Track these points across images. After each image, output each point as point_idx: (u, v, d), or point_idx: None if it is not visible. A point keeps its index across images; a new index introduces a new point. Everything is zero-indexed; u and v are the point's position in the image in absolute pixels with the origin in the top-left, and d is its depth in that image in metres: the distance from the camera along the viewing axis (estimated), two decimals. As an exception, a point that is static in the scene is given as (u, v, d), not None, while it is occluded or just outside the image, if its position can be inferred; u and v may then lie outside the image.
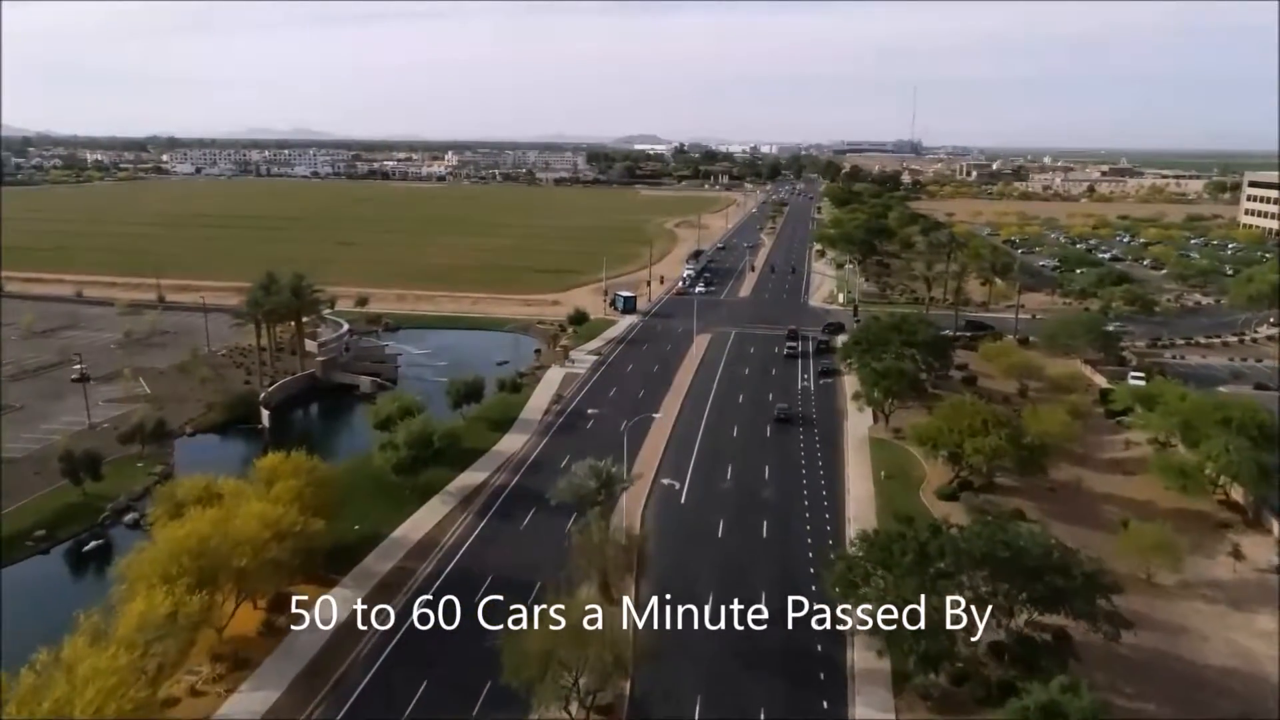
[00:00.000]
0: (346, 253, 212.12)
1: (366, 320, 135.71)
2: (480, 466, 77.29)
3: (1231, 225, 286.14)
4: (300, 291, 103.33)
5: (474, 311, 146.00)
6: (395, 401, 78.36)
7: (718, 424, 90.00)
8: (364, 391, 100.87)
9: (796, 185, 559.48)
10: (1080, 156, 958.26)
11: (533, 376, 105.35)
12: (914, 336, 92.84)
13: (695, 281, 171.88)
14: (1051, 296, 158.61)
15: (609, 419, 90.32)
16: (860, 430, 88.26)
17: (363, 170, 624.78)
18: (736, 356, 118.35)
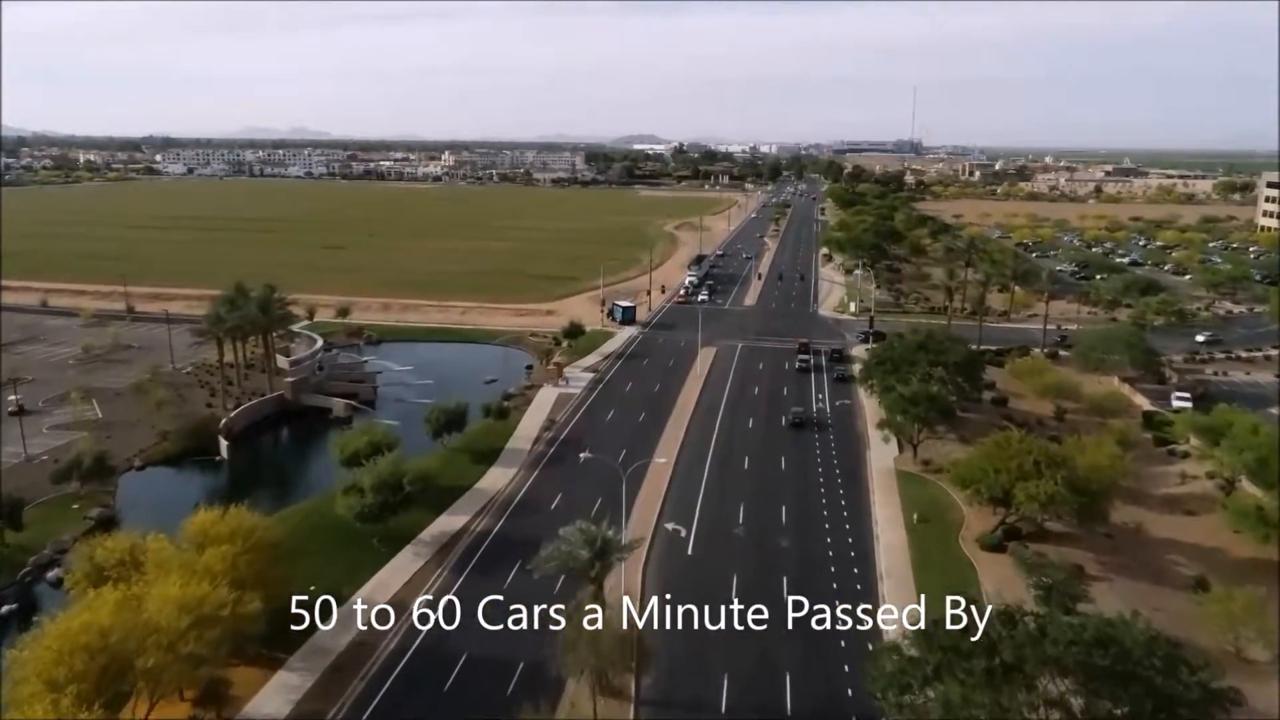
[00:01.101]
0: (333, 258, 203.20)
1: (347, 333, 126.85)
2: (460, 508, 68.41)
3: (1248, 227, 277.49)
4: (268, 306, 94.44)
5: (463, 323, 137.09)
6: (365, 435, 69.46)
7: (727, 454, 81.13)
8: (337, 415, 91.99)
9: (798, 186, 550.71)
10: (1081, 156, 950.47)
11: (523, 398, 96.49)
12: (943, 356, 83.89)
13: (698, 289, 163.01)
14: (1074, 305, 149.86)
15: (606, 448, 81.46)
16: (885, 461, 79.40)
17: (358, 171, 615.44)
18: (744, 373, 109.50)
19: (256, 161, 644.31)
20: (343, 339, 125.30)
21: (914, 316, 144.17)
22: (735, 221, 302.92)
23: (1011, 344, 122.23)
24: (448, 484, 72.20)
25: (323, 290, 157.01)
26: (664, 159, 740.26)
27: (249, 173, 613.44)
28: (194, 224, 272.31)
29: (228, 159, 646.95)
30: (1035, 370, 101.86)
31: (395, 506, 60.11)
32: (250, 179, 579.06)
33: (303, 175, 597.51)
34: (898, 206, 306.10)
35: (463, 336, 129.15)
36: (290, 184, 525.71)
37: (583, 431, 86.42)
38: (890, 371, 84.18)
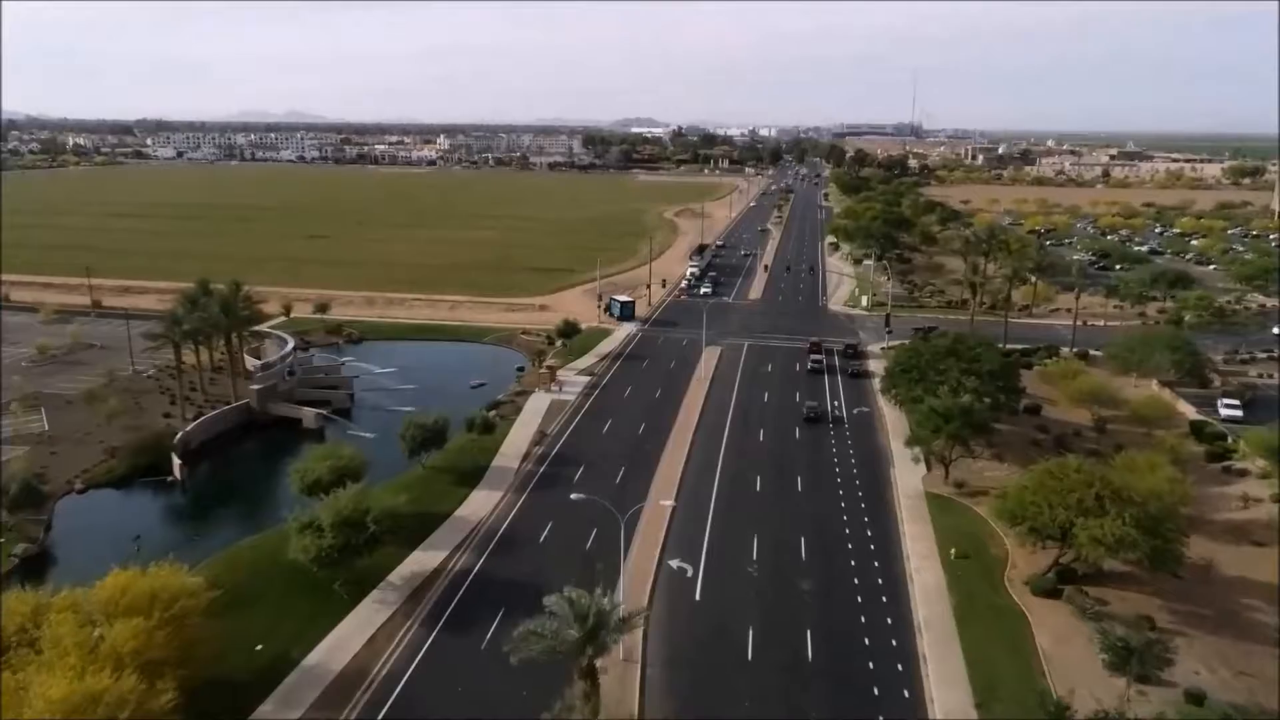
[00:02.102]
0: (316, 248, 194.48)
1: (326, 331, 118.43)
2: (437, 541, 60.35)
3: (1265, 213, 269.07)
4: (231, 306, 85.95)
5: (451, 319, 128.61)
6: (327, 459, 61.17)
7: (736, 473, 73.06)
8: (308, 426, 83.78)
9: (799, 170, 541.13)
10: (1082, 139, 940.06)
11: (512, 405, 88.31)
12: (976, 363, 75.65)
13: (700, 281, 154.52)
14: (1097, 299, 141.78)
15: (602, 466, 73.53)
16: (913, 481, 71.37)
17: (351, 155, 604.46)
18: (752, 376, 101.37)
19: (248, 145, 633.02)
20: (321, 337, 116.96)
21: (930, 311, 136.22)
22: (737, 208, 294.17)
23: (1036, 342, 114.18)
24: (424, 510, 64.23)
25: (303, 283, 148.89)
26: (662, 143, 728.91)
27: (240, 157, 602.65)
28: (176, 211, 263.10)
29: (218, 143, 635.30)
30: (1068, 374, 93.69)
31: (359, 548, 51.99)
32: (241, 163, 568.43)
33: (294, 159, 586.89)
34: (904, 192, 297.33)
35: (450, 334, 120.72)
36: (280, 169, 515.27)
37: (577, 446, 78.30)
38: (917, 380, 76.01)
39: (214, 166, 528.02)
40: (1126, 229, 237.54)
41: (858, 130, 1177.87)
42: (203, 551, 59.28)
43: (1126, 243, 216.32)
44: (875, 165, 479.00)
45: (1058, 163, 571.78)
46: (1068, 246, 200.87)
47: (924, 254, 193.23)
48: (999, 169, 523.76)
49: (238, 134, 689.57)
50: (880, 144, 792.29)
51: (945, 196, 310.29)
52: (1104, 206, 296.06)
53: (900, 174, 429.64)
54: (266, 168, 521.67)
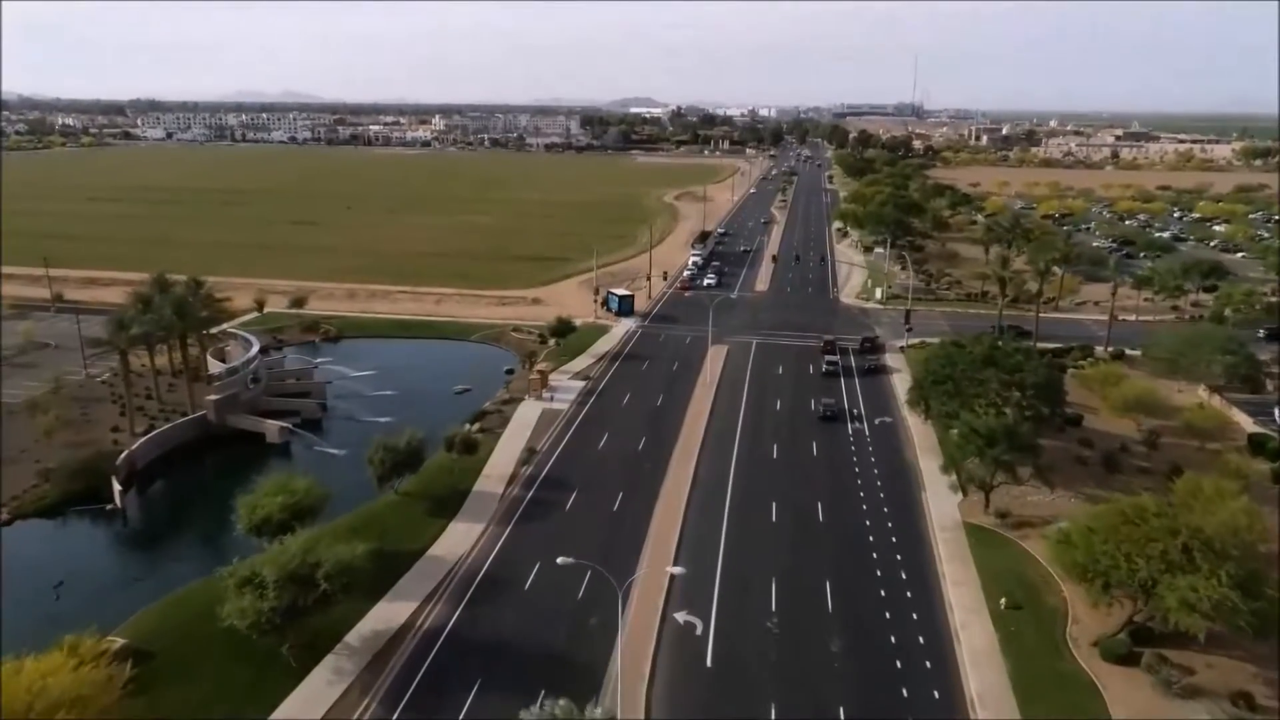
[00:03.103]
0: (300, 235, 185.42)
1: (301, 327, 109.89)
2: (405, 590, 52.20)
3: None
4: (185, 308, 77.34)
5: (438, 314, 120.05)
6: (279, 492, 52.82)
7: (749, 499, 64.89)
8: (272, 441, 75.49)
9: (801, 151, 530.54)
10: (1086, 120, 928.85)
11: (498, 415, 80.00)
12: (1019, 375, 67.25)
13: (702, 272, 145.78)
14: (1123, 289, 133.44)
15: (597, 489, 65.42)
16: (948, 509, 63.24)
17: (344, 136, 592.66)
18: (762, 380, 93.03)
19: (239, 126, 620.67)
20: (296, 335, 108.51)
21: (948, 305, 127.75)
22: (739, 191, 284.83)
23: (1066, 340, 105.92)
24: (392, 548, 56.09)
25: (283, 274, 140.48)
26: (661, 123, 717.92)
27: (231, 138, 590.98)
28: (158, 195, 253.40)
29: (209, 123, 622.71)
30: (1110, 379, 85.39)
31: (307, 610, 43.87)
32: (232, 144, 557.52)
33: (286, 141, 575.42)
34: (911, 175, 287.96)
35: (436, 331, 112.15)
36: (270, 150, 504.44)
37: (570, 465, 70.04)
38: (952, 394, 67.65)
39: (203, 148, 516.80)
40: (1145, 213, 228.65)
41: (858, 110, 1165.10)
42: (137, 598, 51.35)
43: (1146, 228, 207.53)
44: (879, 147, 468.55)
45: (1064, 144, 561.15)
46: (1085, 232, 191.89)
47: (936, 240, 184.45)
48: (1005, 150, 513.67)
49: (229, 114, 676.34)
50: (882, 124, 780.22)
51: (953, 179, 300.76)
52: (1118, 190, 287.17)
53: (905, 155, 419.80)
54: (256, 149, 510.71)
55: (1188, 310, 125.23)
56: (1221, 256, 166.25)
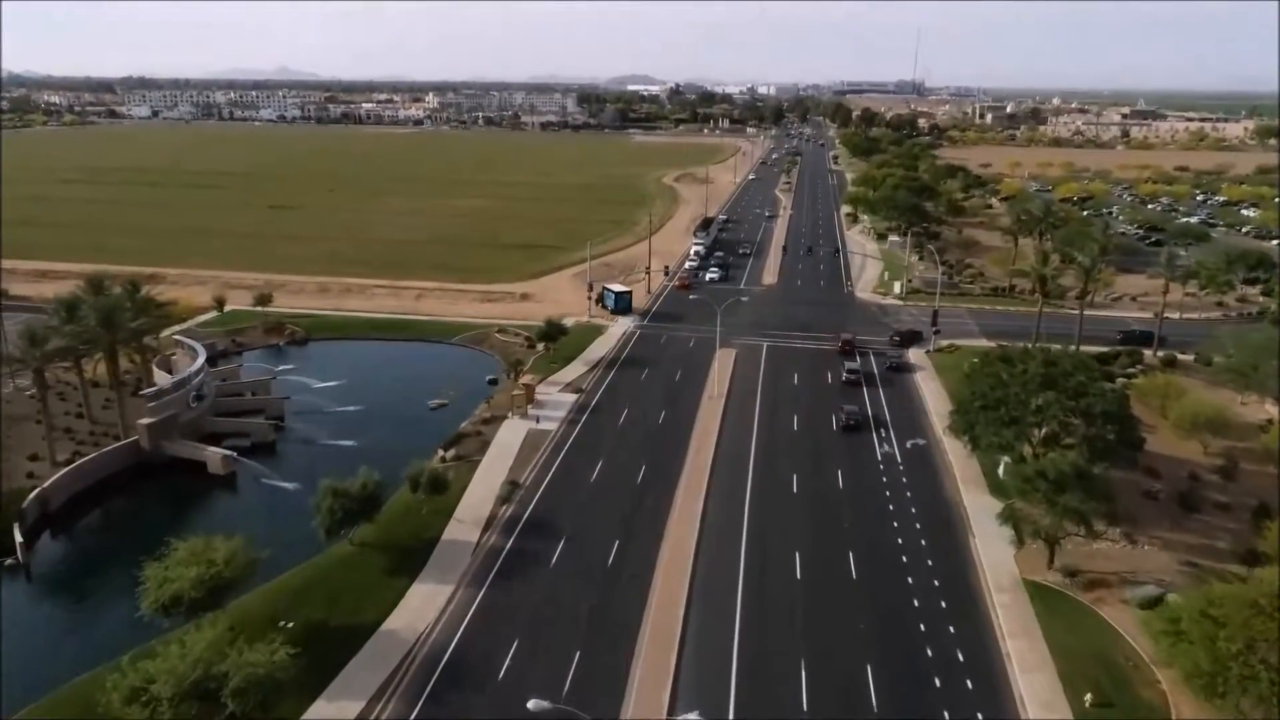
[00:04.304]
0: (277, 221, 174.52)
1: (265, 328, 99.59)
2: (351, 681, 42.37)
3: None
4: (114, 318, 66.93)
5: (417, 311, 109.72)
6: (194, 562, 42.80)
7: (768, 546, 55.08)
8: (214, 472, 65.46)
9: (803, 130, 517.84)
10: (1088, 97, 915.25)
11: (477, 438, 69.98)
12: (1084, 398, 57.17)
13: (705, 263, 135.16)
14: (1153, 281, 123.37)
15: (588, 536, 55.60)
16: (1003, 561, 53.42)
17: (335, 114, 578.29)
18: (776, 391, 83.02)
19: (227, 104, 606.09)
20: (258, 337, 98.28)
21: (974, 300, 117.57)
22: (741, 172, 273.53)
23: (1108, 342, 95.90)
24: (339, 621, 46.42)
25: (253, 265, 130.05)
26: (659, 101, 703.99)
27: (218, 116, 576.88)
28: (134, 176, 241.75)
29: (196, 101, 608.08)
30: (1171, 392, 75.59)
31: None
32: (219, 123, 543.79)
33: (274, 119, 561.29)
34: (919, 155, 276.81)
35: (414, 331, 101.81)
36: (257, 129, 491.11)
37: (557, 505, 60.11)
38: (1006, 423, 57.58)
39: (189, 126, 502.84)
40: (1168, 196, 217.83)
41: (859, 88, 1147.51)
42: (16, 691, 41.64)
43: (1171, 212, 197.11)
44: (884, 125, 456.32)
45: (1071, 122, 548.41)
46: (1109, 218, 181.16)
47: (952, 227, 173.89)
48: (1011, 129, 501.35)
49: (217, 92, 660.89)
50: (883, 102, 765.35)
51: (962, 159, 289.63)
52: (1134, 171, 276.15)
53: (910, 135, 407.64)
54: (243, 128, 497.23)
55: (1234, 307, 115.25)
56: (1257, 243, 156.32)
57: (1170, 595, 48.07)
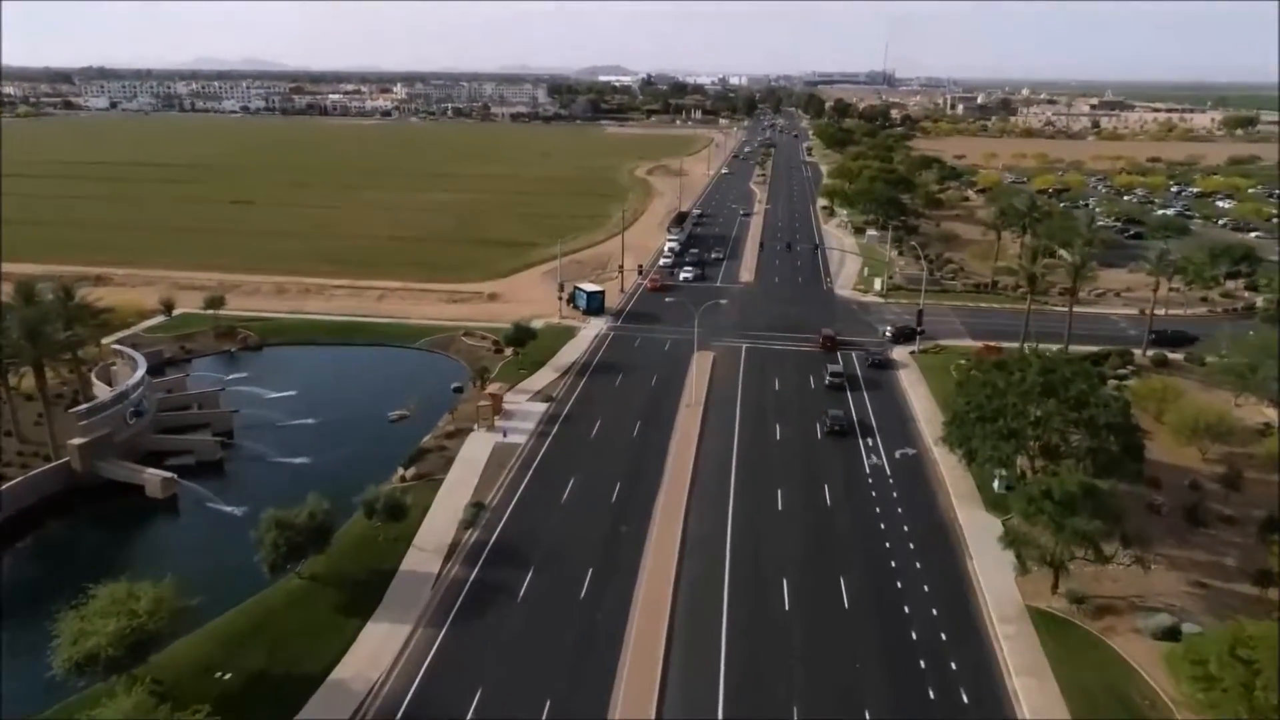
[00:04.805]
0: (236, 218, 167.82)
1: (216, 333, 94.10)
2: (295, 742, 37.97)
3: None
4: (39, 331, 61.49)
5: (380, 312, 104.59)
6: (113, 613, 37.98)
7: (753, 569, 51.15)
8: (153, 496, 60.38)
9: (776, 121, 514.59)
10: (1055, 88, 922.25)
11: (440, 455, 65.39)
12: (1085, 407, 53.71)
13: (680, 259, 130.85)
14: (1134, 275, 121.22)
15: (560, 564, 51.33)
16: (1004, 586, 49.86)
17: (300, 105, 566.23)
18: (758, 396, 79.09)
19: (189, 95, 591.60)
20: (210, 343, 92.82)
21: (956, 298, 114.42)
22: (715, 163, 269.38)
23: (1096, 340, 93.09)
24: (284, 670, 41.89)
25: (207, 264, 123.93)
26: (631, 92, 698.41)
27: (179, 107, 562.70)
28: (86, 171, 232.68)
29: (156, 92, 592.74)
30: (1168, 395, 72.64)
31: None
32: (180, 114, 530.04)
33: (238, 110, 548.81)
34: (893, 146, 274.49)
35: (376, 335, 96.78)
36: (219, 120, 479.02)
37: (526, 528, 55.78)
38: (1005, 436, 53.99)
39: (148, 118, 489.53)
40: (1143, 188, 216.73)
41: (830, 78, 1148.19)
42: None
43: (1147, 204, 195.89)
44: (857, 116, 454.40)
45: (1041, 113, 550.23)
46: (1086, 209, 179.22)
47: (929, 219, 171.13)
48: (983, 120, 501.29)
49: (178, 83, 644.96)
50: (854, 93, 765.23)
51: (936, 150, 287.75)
52: (1107, 162, 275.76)
53: (884, 126, 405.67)
54: (205, 119, 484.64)
55: (1219, 302, 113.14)
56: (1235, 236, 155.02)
57: (1186, 625, 44.88)
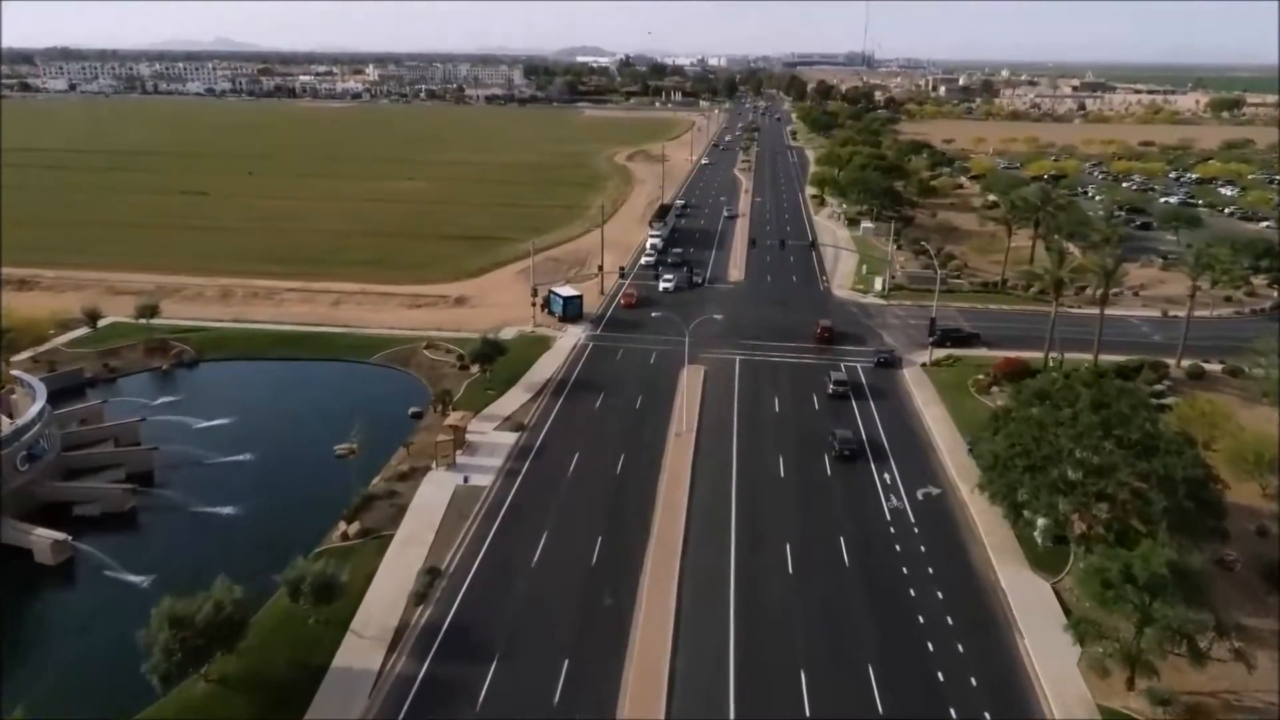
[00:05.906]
0: (185, 210, 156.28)
1: (145, 348, 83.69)
2: None
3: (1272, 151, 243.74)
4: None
5: (334, 320, 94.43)
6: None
7: (762, 660, 42.25)
8: (42, 562, 50.54)
9: (757, 103, 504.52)
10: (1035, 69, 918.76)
11: (390, 505, 55.79)
12: (1154, 453, 45.07)
13: (662, 259, 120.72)
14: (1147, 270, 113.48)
15: (528, 655, 42.10)
16: (1067, 677, 41.21)
17: (268, 87, 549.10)
18: (756, 421, 70.00)
19: (152, 77, 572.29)
20: (137, 358, 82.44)
21: (963, 297, 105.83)
22: (697, 149, 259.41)
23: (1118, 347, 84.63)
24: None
25: (146, 264, 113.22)
26: (609, 73, 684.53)
27: (142, 89, 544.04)
28: (30, 159, 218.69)
29: (119, 74, 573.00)
30: (1217, 419, 64.25)
31: None
32: (142, 96, 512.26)
33: (203, 92, 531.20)
34: (880, 130, 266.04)
35: (327, 348, 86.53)
36: (181, 103, 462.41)
37: (488, 602, 46.51)
38: (1060, 490, 45.23)
39: (108, 100, 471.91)
40: (1141, 174, 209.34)
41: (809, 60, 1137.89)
42: None
43: (1147, 191, 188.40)
44: (840, 99, 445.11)
45: (1024, 95, 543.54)
46: (1096, 200, 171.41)
47: (925, 209, 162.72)
48: (967, 102, 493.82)
49: (140, 64, 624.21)
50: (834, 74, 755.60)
51: (923, 134, 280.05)
52: (1098, 146, 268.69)
53: (867, 108, 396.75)
54: (167, 102, 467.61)
55: (1246, 302, 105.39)
56: (1245, 226, 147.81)
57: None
